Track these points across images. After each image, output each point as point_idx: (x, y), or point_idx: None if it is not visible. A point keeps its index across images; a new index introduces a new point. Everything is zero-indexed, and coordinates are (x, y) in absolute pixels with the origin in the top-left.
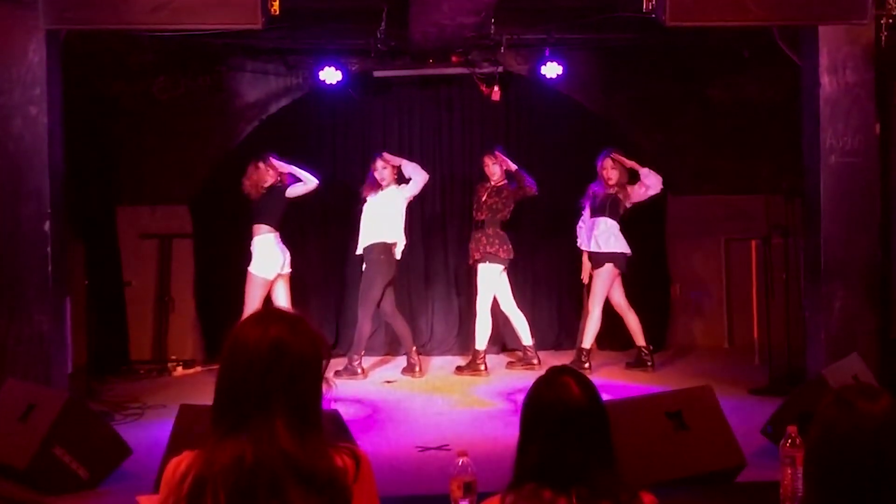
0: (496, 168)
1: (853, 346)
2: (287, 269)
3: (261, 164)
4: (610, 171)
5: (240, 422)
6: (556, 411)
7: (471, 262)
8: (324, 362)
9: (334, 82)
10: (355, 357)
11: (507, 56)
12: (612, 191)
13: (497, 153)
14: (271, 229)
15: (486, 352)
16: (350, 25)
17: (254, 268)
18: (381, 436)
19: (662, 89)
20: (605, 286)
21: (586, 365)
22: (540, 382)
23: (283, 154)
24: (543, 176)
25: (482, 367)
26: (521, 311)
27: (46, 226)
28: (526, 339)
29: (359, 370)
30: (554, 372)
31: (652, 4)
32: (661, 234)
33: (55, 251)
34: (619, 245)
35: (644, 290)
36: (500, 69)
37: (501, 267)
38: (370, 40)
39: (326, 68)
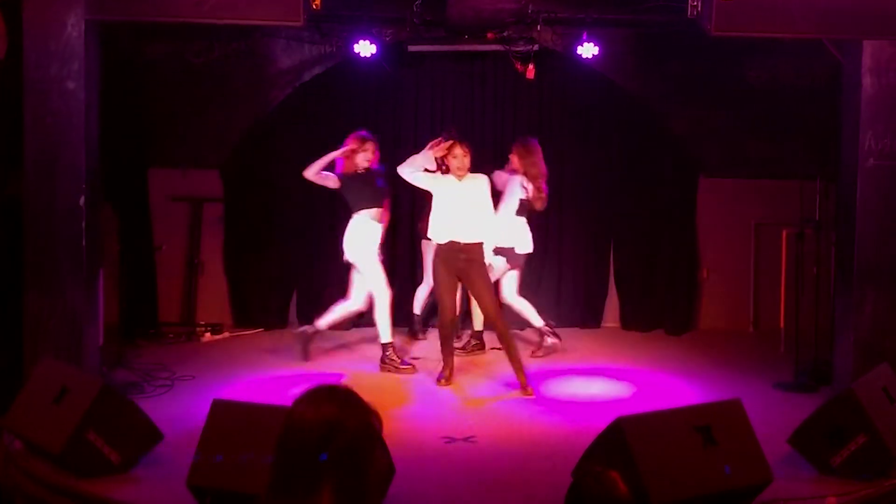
0: None
1: (882, 349)
2: None
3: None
4: None
5: (292, 498)
6: None
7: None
8: (375, 437)
9: (368, 55)
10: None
11: (542, 32)
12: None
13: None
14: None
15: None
16: None
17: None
18: (408, 425)
19: (698, 70)
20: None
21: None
22: (588, 478)
23: (315, 123)
24: (575, 154)
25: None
26: (548, 290)
27: (81, 201)
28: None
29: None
30: (602, 469)
31: (697, 11)
32: (692, 217)
33: (90, 226)
34: None
35: (672, 273)
36: (536, 47)
37: None
38: (405, 11)
39: (361, 41)
